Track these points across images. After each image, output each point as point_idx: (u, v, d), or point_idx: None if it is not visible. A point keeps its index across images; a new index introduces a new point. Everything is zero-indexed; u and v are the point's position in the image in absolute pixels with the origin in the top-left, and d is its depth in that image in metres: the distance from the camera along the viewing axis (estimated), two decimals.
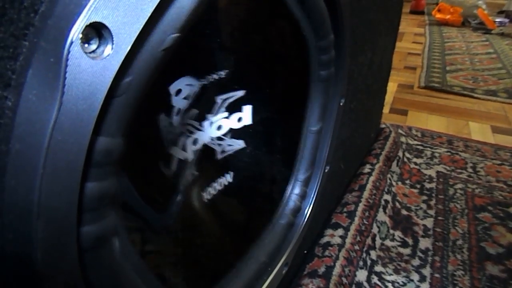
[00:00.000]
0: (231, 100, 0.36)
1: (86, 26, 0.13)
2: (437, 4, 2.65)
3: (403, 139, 0.88)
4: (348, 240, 0.54)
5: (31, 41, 0.13)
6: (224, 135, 0.36)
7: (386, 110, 1.10)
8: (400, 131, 0.90)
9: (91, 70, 0.14)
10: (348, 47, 0.41)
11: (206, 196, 0.35)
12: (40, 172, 0.13)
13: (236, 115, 0.37)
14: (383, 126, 0.86)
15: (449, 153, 0.85)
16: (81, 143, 0.14)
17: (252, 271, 0.35)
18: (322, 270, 0.49)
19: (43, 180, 0.13)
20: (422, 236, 0.60)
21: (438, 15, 2.48)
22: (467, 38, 2.07)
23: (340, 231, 0.55)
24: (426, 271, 0.54)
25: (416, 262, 0.55)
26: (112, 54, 0.14)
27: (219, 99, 0.34)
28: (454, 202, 0.69)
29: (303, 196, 0.43)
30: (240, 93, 0.36)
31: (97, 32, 0.14)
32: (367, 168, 0.71)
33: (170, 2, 0.16)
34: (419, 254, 0.57)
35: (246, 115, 0.38)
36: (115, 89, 0.15)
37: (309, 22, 0.34)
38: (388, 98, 1.18)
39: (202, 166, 0.33)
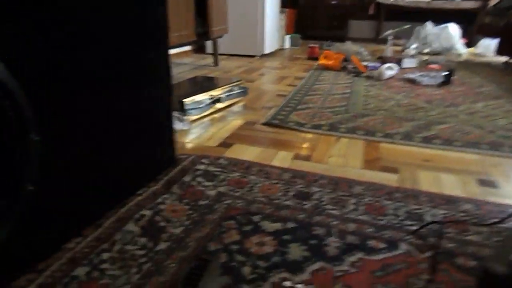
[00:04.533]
0: None
1: None
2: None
3: (203, 167, 1.05)
4: (81, 245, 0.68)
5: None
6: None
7: (215, 144, 1.29)
8: (204, 160, 1.08)
9: None
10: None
11: None
12: None
13: None
14: (183, 157, 1.03)
15: (239, 177, 1.04)
16: None
17: None
18: (42, 266, 0.62)
19: None
20: (164, 241, 0.75)
21: (322, 61, 2.83)
22: (337, 80, 2.39)
23: (79, 239, 0.70)
24: (146, 266, 0.68)
25: (143, 259, 0.70)
26: None
27: None
28: (212, 214, 0.85)
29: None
30: None
31: None
32: (141, 191, 0.87)
33: None
34: (150, 254, 0.71)
35: None
36: None
37: None
38: (225, 133, 1.38)
39: None
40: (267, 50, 3.47)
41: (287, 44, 4.15)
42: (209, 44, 3.37)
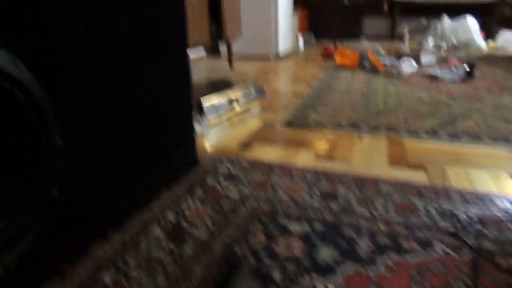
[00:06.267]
0: None
1: None
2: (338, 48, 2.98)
3: (225, 169, 1.03)
4: (106, 250, 0.67)
5: None
6: None
7: (235, 145, 1.27)
8: (225, 162, 1.06)
9: None
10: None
11: None
12: None
13: None
14: (205, 158, 1.02)
15: (261, 178, 1.01)
16: None
17: None
18: (67, 271, 0.61)
19: None
20: (190, 245, 0.73)
21: (338, 60, 2.79)
22: (355, 79, 2.35)
23: (104, 243, 0.68)
24: (172, 271, 0.66)
25: (169, 264, 0.68)
26: None
27: None
28: (237, 217, 0.83)
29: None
30: None
31: None
32: (164, 193, 0.85)
33: None
34: (176, 258, 0.70)
35: None
36: None
37: None
38: (244, 135, 1.36)
39: None
40: (281, 50, 3.45)
41: (300, 44, 4.11)
42: (223, 48, 3.37)
